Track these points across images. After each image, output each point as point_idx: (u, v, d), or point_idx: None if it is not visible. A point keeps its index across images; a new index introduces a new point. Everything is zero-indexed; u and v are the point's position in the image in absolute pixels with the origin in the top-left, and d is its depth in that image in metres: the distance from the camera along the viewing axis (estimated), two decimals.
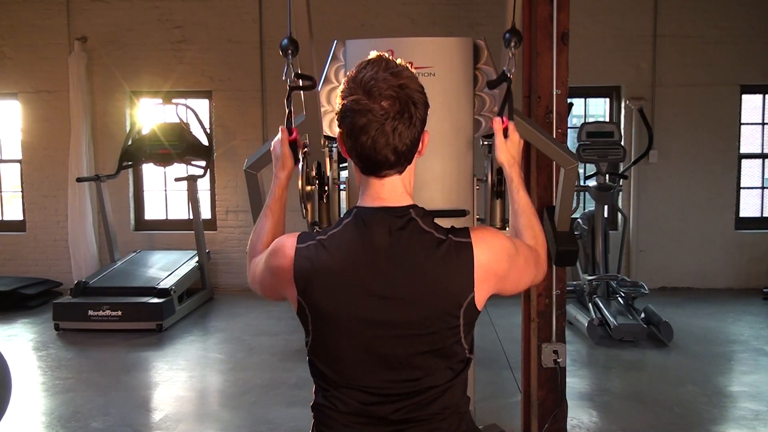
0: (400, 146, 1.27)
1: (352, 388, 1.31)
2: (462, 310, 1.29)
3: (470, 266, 1.28)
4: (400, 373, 1.29)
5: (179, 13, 6.77)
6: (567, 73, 2.92)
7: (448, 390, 1.32)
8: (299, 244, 1.32)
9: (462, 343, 1.31)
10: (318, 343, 1.33)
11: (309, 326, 1.33)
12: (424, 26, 6.55)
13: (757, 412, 3.75)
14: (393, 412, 1.29)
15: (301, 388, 4.10)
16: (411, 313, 1.27)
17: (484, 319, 5.29)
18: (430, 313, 1.27)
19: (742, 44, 6.52)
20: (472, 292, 1.29)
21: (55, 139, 6.89)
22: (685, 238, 6.67)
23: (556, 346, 3.01)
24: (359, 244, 1.28)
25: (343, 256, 1.28)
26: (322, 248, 1.29)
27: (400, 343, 1.28)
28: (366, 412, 1.30)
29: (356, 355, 1.30)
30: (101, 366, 4.72)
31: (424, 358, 1.29)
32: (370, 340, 1.28)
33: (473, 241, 1.30)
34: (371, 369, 1.29)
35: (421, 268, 1.27)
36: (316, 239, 1.31)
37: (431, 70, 2.53)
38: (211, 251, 6.78)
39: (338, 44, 2.69)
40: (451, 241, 1.29)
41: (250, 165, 2.36)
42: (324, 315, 1.30)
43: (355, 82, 1.27)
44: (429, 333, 1.28)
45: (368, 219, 1.30)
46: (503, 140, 1.62)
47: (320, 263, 1.29)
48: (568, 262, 2.81)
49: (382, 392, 1.30)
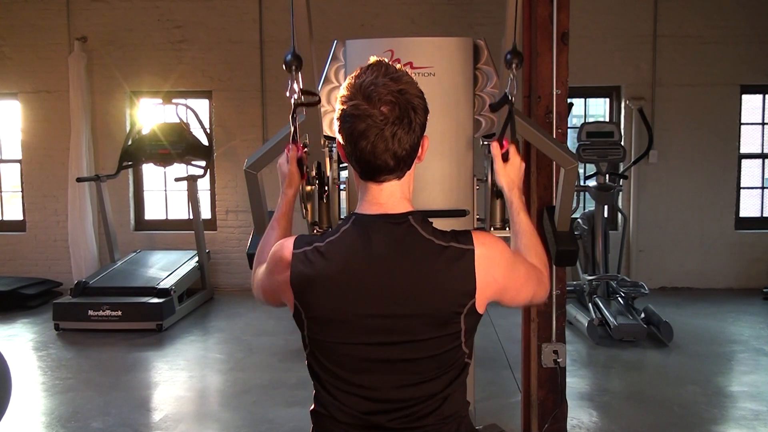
0: (399, 151, 1.27)
1: (350, 393, 1.30)
2: (463, 315, 1.28)
3: (471, 273, 1.27)
4: (399, 379, 1.28)
5: (179, 13, 6.77)
6: (567, 73, 2.92)
7: (449, 397, 1.31)
8: (296, 250, 1.31)
9: (462, 348, 1.31)
10: (315, 347, 1.33)
11: (305, 331, 1.33)
12: (424, 26, 6.55)
13: (757, 412, 3.75)
14: (391, 420, 1.29)
15: (301, 388, 4.10)
16: (411, 320, 1.26)
17: (484, 318, 5.22)
18: (431, 320, 1.27)
19: (742, 44, 6.52)
20: (473, 299, 1.28)
21: (55, 139, 6.89)
22: (685, 238, 6.67)
23: (556, 346, 3.01)
24: (357, 252, 1.28)
25: (341, 264, 1.27)
26: (319, 255, 1.28)
27: (399, 349, 1.27)
28: (364, 421, 1.30)
29: (353, 362, 1.29)
30: (101, 366, 4.72)
31: (423, 364, 1.28)
32: (368, 346, 1.28)
33: (475, 247, 1.29)
34: (369, 375, 1.29)
35: (421, 275, 1.26)
36: (313, 245, 1.30)
37: (431, 70, 2.53)
38: (211, 251, 6.78)
39: (338, 44, 2.69)
40: (452, 248, 1.28)
41: (250, 165, 2.36)
42: (320, 321, 1.30)
43: (354, 88, 1.27)
44: (429, 339, 1.27)
45: (367, 227, 1.30)
46: (502, 164, 1.62)
47: (317, 270, 1.28)
48: (568, 262, 2.81)
49: (380, 399, 1.29)
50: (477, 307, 1.29)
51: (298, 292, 1.30)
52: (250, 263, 2.50)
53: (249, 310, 6.10)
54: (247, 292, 6.74)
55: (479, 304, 1.30)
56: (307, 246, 1.30)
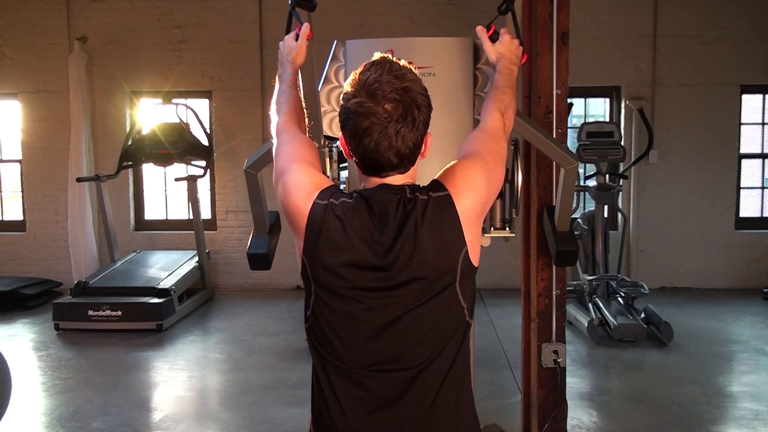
0: (402, 149, 1.28)
1: (350, 365, 1.31)
2: (459, 266, 1.30)
3: (455, 217, 1.30)
4: (402, 343, 1.29)
5: (179, 13, 6.77)
6: (567, 73, 2.92)
7: (453, 366, 1.32)
8: (318, 200, 1.33)
9: (460, 301, 1.32)
10: (318, 308, 1.33)
11: (311, 287, 1.34)
12: (424, 26, 6.55)
13: (757, 412, 3.75)
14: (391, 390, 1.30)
15: (301, 388, 4.10)
16: (411, 277, 1.28)
17: (484, 319, 5.29)
18: (429, 274, 1.28)
19: (742, 44, 6.52)
20: (465, 246, 1.31)
21: (55, 139, 6.89)
22: (685, 238, 6.67)
23: (556, 346, 3.01)
24: (364, 216, 1.30)
25: (348, 227, 1.29)
26: (333, 214, 1.31)
27: (403, 311, 1.29)
28: (362, 396, 1.31)
29: (355, 322, 1.30)
30: (101, 366, 4.72)
31: (425, 323, 1.30)
32: (370, 307, 1.29)
33: (450, 192, 1.32)
34: (372, 339, 1.29)
35: (414, 232, 1.28)
36: (329, 201, 1.32)
37: (431, 70, 2.52)
38: (211, 251, 6.78)
39: (338, 44, 2.68)
40: (431, 198, 1.31)
41: (250, 165, 2.36)
42: (325, 283, 1.31)
43: (358, 85, 1.28)
44: (430, 295, 1.29)
45: (368, 194, 1.33)
46: (490, 43, 1.71)
47: (328, 227, 1.30)
48: (568, 262, 2.81)
49: (381, 369, 1.30)
50: (470, 254, 1.32)
51: (307, 243, 1.32)
52: (250, 263, 2.52)
53: (249, 310, 6.10)
54: (247, 292, 6.76)
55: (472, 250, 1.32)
56: (325, 201, 1.33)
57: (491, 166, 1.41)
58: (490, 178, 1.39)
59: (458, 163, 1.40)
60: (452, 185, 1.33)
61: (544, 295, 3.00)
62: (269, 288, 6.79)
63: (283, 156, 1.46)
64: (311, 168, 1.40)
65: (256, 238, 2.51)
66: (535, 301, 3.02)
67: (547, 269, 2.99)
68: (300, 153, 1.44)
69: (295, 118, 1.59)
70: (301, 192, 1.35)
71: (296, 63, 1.70)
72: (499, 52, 1.69)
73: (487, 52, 1.71)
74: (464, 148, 1.47)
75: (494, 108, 1.56)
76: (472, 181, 1.35)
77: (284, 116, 1.57)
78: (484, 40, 1.71)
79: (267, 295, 6.66)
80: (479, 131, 1.52)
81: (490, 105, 1.57)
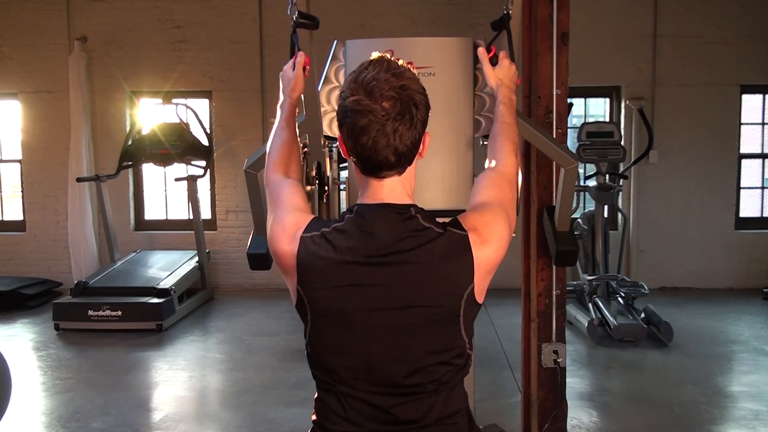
0: (400, 147, 1.27)
1: (353, 387, 1.30)
2: (463, 300, 1.29)
3: (470, 260, 1.29)
4: (401, 368, 1.29)
5: (179, 13, 6.77)
6: (567, 73, 2.92)
7: (454, 388, 1.32)
8: (305, 234, 1.33)
9: (462, 335, 1.31)
10: (316, 336, 1.33)
11: (308, 317, 1.33)
12: (424, 26, 6.55)
13: (757, 412, 3.75)
14: (394, 406, 1.30)
15: (301, 388, 4.11)
16: (412, 304, 1.27)
17: (485, 319, 5.30)
18: (430, 303, 1.28)
19: (742, 44, 6.52)
20: (472, 283, 1.30)
21: (55, 139, 6.89)
22: (685, 238, 6.67)
23: (556, 346, 3.01)
24: (361, 239, 1.29)
25: (343, 250, 1.28)
26: (325, 241, 1.30)
27: (401, 335, 1.28)
28: (368, 413, 1.31)
29: (356, 347, 1.29)
30: (101, 366, 4.72)
31: (424, 349, 1.29)
32: (369, 330, 1.28)
33: (469, 235, 1.31)
34: (372, 362, 1.29)
35: (421, 261, 1.27)
36: (321, 231, 1.32)
37: (431, 70, 2.52)
38: (211, 251, 6.78)
39: (338, 44, 2.68)
40: (450, 233, 1.30)
41: (250, 165, 2.35)
42: (322, 308, 1.30)
43: (356, 83, 1.27)
44: (430, 323, 1.28)
45: (370, 215, 1.31)
46: (491, 67, 1.73)
47: (321, 255, 1.29)
48: (568, 262, 2.81)
49: (383, 392, 1.30)
50: (476, 293, 1.31)
51: (301, 278, 1.31)
52: (250, 263, 2.52)
53: (249, 310, 6.10)
54: (247, 292, 6.76)
55: (478, 290, 1.31)
56: (316, 231, 1.32)
57: (511, 216, 1.42)
58: (511, 229, 1.40)
59: (482, 209, 1.39)
60: (474, 230, 1.32)
61: (544, 295, 3.00)
62: (269, 288, 6.79)
63: (269, 204, 1.49)
64: (294, 211, 1.41)
65: (256, 238, 2.51)
66: (535, 301, 3.02)
67: (547, 269, 2.99)
68: (282, 198, 1.46)
69: (283, 163, 1.59)
70: (286, 234, 1.35)
71: (293, 97, 1.70)
72: (499, 78, 1.72)
73: (487, 76, 1.74)
74: (483, 191, 1.45)
75: (510, 150, 1.56)
76: (499, 234, 1.35)
77: (271, 165, 1.58)
78: (485, 63, 1.75)
79: (267, 295, 6.66)
80: (499, 176, 1.50)
81: (504, 146, 1.57)
